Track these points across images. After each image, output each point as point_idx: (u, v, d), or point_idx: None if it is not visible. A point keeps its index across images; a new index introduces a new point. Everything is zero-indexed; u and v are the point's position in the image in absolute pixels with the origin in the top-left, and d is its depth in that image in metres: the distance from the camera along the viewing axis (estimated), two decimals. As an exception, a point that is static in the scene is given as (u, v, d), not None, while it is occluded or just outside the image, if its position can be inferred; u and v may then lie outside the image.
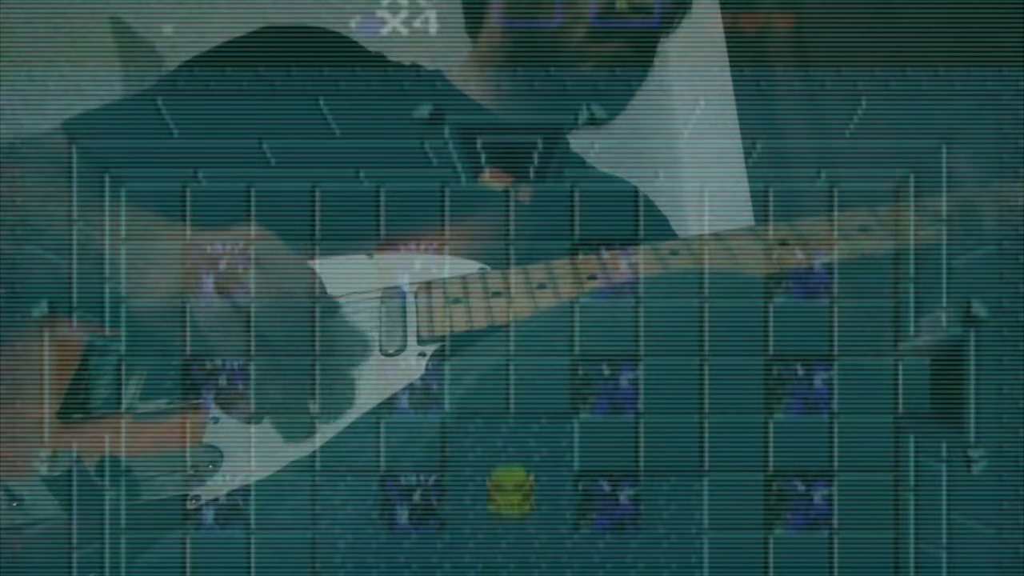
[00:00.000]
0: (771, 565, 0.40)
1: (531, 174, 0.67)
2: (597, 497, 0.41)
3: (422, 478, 0.42)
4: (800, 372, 0.42)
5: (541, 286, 0.52)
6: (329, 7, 0.87)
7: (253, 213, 0.56)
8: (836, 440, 0.42)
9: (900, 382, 0.44)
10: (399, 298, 0.53)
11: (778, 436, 0.41)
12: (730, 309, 0.43)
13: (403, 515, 0.42)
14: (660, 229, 0.81)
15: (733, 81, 1.17)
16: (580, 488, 0.41)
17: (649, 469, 0.41)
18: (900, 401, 0.44)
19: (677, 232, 0.82)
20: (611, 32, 0.70)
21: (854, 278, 0.48)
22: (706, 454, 0.41)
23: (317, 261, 0.52)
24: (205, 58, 0.71)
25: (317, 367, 0.48)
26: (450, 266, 0.55)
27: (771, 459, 0.41)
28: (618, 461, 0.41)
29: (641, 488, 0.41)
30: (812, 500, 0.41)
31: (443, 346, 0.51)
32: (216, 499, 0.46)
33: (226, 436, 0.48)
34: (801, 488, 0.41)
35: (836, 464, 0.42)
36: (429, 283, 0.54)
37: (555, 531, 0.41)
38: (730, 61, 1.19)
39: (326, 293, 0.50)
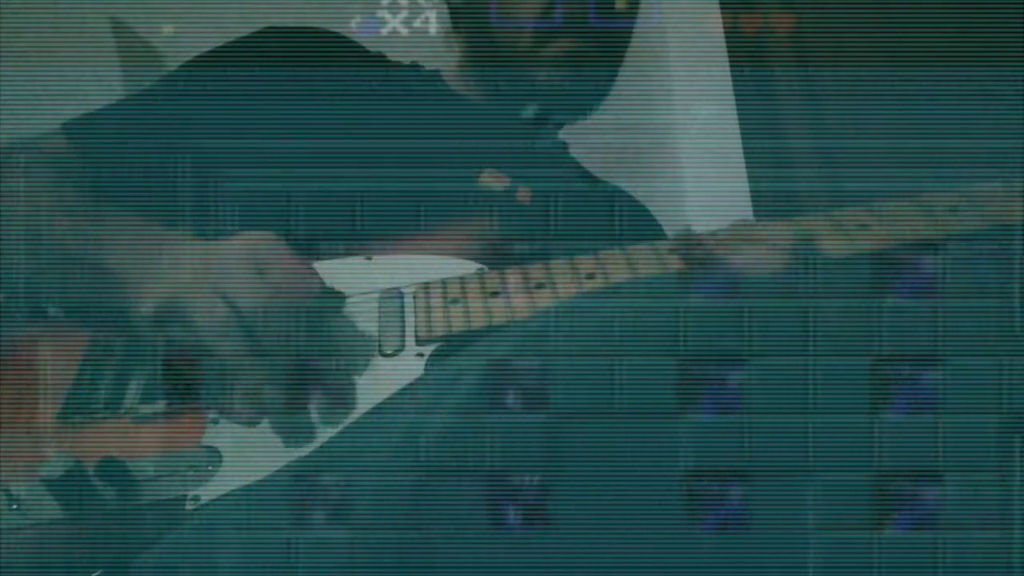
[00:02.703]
0: (878, 566, 0.39)
1: (530, 175, 0.67)
2: (703, 497, 0.40)
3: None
4: (907, 372, 0.41)
5: (539, 285, 0.52)
6: (329, 8, 0.87)
7: (252, 214, 0.56)
8: (942, 440, 0.41)
9: (1006, 382, 0.43)
10: (397, 299, 0.53)
11: (884, 436, 0.41)
12: (836, 308, 0.42)
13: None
14: (658, 228, 0.81)
15: (733, 81, 1.17)
16: (686, 489, 0.40)
17: (754, 469, 0.40)
18: (1005, 401, 0.43)
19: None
20: (579, 32, 0.69)
21: (961, 278, 0.47)
22: (810, 454, 0.40)
23: (316, 265, 0.52)
24: (205, 59, 0.70)
25: (320, 367, 0.48)
26: (448, 267, 0.55)
27: (878, 459, 0.40)
28: (728, 461, 0.40)
29: (748, 488, 0.40)
30: (920, 500, 0.40)
31: (441, 346, 0.51)
32: (216, 499, 0.46)
33: (225, 437, 0.48)
34: (908, 488, 0.40)
35: (942, 464, 0.41)
36: (427, 284, 0.54)
37: (662, 531, 0.40)
38: (730, 61, 1.19)
39: (332, 293, 0.50)
